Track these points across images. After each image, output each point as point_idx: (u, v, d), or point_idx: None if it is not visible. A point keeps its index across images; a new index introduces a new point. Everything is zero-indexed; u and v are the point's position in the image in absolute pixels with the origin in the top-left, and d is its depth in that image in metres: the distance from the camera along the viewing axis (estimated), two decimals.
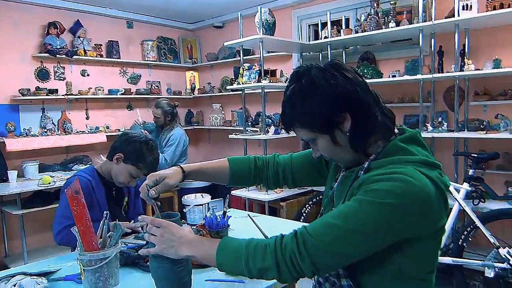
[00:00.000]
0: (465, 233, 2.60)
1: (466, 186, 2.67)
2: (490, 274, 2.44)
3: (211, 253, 0.96)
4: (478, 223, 2.50)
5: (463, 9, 2.74)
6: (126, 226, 1.75)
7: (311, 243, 0.87)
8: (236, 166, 1.30)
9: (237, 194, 3.57)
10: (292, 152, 1.37)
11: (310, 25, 4.24)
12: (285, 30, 4.17)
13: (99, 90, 4.29)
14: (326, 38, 3.58)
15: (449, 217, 2.69)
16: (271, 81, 3.41)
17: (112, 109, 4.58)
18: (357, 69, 3.40)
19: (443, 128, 3.03)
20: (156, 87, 4.90)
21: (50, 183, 3.32)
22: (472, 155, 2.72)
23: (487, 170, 2.96)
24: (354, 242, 0.86)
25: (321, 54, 3.89)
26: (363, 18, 3.33)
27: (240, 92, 3.80)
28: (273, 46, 3.92)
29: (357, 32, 3.34)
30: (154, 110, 3.87)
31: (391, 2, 3.19)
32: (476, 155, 2.70)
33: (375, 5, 3.28)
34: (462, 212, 2.66)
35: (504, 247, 2.42)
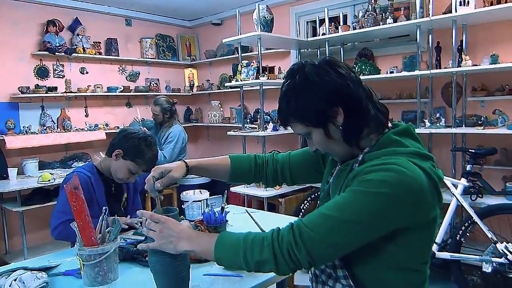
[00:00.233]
0: (463, 228, 2.61)
1: (464, 182, 2.67)
2: (487, 269, 2.46)
3: (209, 247, 0.98)
4: (476, 219, 2.52)
5: (460, 4, 2.74)
6: (124, 221, 1.77)
7: (308, 235, 0.88)
8: (237, 164, 1.33)
9: (236, 190, 3.59)
10: (290, 148, 1.39)
11: (308, 21, 4.24)
12: (283, 27, 4.17)
13: (98, 87, 4.30)
14: (324, 34, 3.58)
15: (447, 212, 2.70)
16: (269, 78, 3.42)
17: (111, 106, 4.58)
18: (354, 65, 3.43)
19: (441, 124, 3.04)
20: (155, 85, 4.90)
21: (49, 180, 3.33)
22: (469, 151, 2.73)
23: (485, 165, 2.97)
24: (349, 232, 0.87)
25: (319, 51, 3.90)
26: (361, 14, 3.34)
27: (238, 89, 3.81)
28: (271, 43, 3.92)
29: (355, 28, 3.34)
30: (153, 108, 3.88)
31: None
32: (473, 151, 2.70)
33: (373, 1, 3.28)
34: (460, 207, 2.68)
35: (501, 242, 2.43)
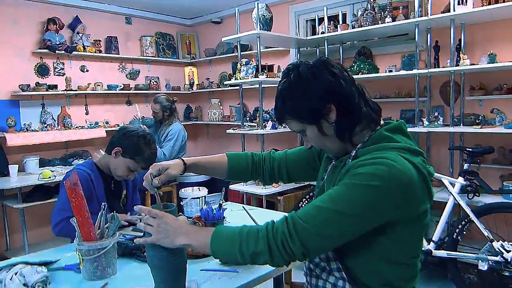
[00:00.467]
0: (459, 226, 2.63)
1: (461, 180, 2.69)
2: (483, 267, 2.47)
3: (206, 241, 1.00)
4: (473, 217, 2.53)
5: (459, 4, 2.76)
6: (124, 218, 1.79)
7: (301, 226, 0.91)
8: (234, 162, 1.35)
9: (235, 188, 3.61)
10: (289, 147, 1.42)
11: (307, 20, 4.26)
12: (282, 25, 4.19)
13: (98, 85, 4.31)
14: (323, 33, 3.60)
15: (444, 210, 2.71)
16: (269, 76, 3.43)
17: (111, 104, 4.60)
18: (353, 64, 3.45)
19: (439, 122, 3.06)
20: (154, 83, 4.92)
21: (50, 178, 3.36)
22: (467, 149, 2.74)
23: (482, 164, 2.98)
24: (342, 224, 0.90)
25: (318, 49, 3.91)
26: (360, 13, 3.35)
27: (238, 87, 3.82)
28: (270, 41, 3.94)
29: (353, 27, 3.35)
30: (153, 105, 3.90)
31: None
32: (471, 149, 2.72)
33: (372, 0, 3.29)
34: (457, 206, 2.69)
35: (497, 241, 2.45)
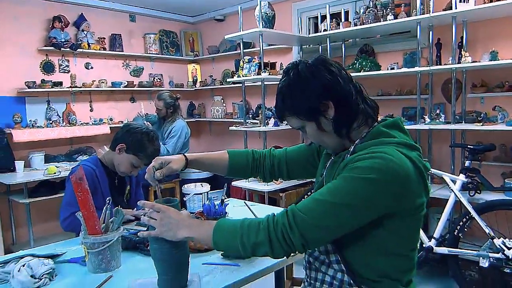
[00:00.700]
0: (460, 223, 2.64)
1: (462, 178, 2.70)
2: (484, 264, 2.48)
3: (208, 233, 1.03)
4: (474, 214, 2.54)
5: (460, 1, 2.76)
6: (129, 213, 1.83)
7: (301, 218, 0.94)
8: (234, 158, 1.38)
9: (237, 185, 3.63)
10: (291, 144, 1.45)
11: (309, 18, 4.26)
12: (285, 23, 4.20)
13: (103, 82, 4.35)
14: (325, 31, 3.61)
15: (445, 207, 2.72)
16: (271, 74, 3.44)
17: (115, 101, 4.64)
18: (355, 62, 3.45)
19: (441, 120, 3.06)
20: (158, 80, 4.95)
21: (55, 173, 3.41)
22: (468, 147, 2.75)
23: (484, 161, 2.99)
24: (340, 216, 0.93)
25: (320, 47, 3.91)
26: (362, 11, 3.35)
27: (240, 84, 3.84)
28: (273, 39, 3.95)
29: (356, 25, 3.36)
30: (157, 102, 3.93)
31: None
32: (472, 147, 2.73)
33: None
34: (458, 203, 2.70)
35: (498, 238, 2.46)
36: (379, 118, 1.09)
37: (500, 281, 2.55)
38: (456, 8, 2.78)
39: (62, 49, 3.99)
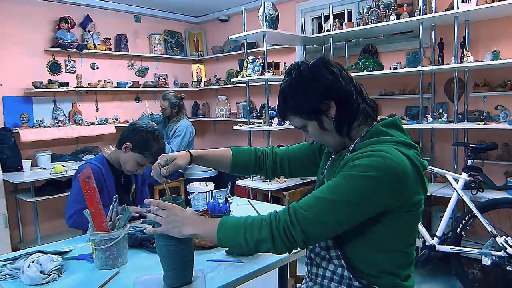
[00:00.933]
0: (463, 222, 2.65)
1: (464, 176, 2.71)
2: (487, 262, 2.49)
3: (212, 230, 1.06)
4: (476, 212, 2.55)
5: (463, 1, 2.77)
6: (134, 210, 1.86)
7: (302, 215, 0.97)
8: (238, 156, 1.41)
9: (241, 184, 3.66)
10: (295, 143, 1.49)
11: (313, 18, 4.28)
12: (288, 23, 4.22)
13: (108, 82, 4.39)
14: (328, 31, 3.62)
15: (448, 205, 2.73)
16: (275, 73, 3.46)
17: (120, 101, 4.68)
18: (358, 61, 3.47)
19: (443, 119, 3.08)
20: (163, 80, 4.99)
21: (62, 172, 3.45)
22: (470, 146, 2.76)
23: (486, 160, 2.99)
24: (339, 212, 0.96)
25: (324, 47, 3.94)
26: (365, 11, 3.37)
27: (244, 84, 3.87)
28: (276, 39, 3.97)
29: (359, 25, 3.38)
30: (161, 102, 3.97)
31: None
32: (474, 146, 2.73)
33: None
34: (460, 201, 2.71)
35: (501, 236, 2.47)
36: (382, 117, 1.12)
37: (502, 279, 2.55)
38: (458, 8, 2.79)
39: (69, 49, 4.04)
